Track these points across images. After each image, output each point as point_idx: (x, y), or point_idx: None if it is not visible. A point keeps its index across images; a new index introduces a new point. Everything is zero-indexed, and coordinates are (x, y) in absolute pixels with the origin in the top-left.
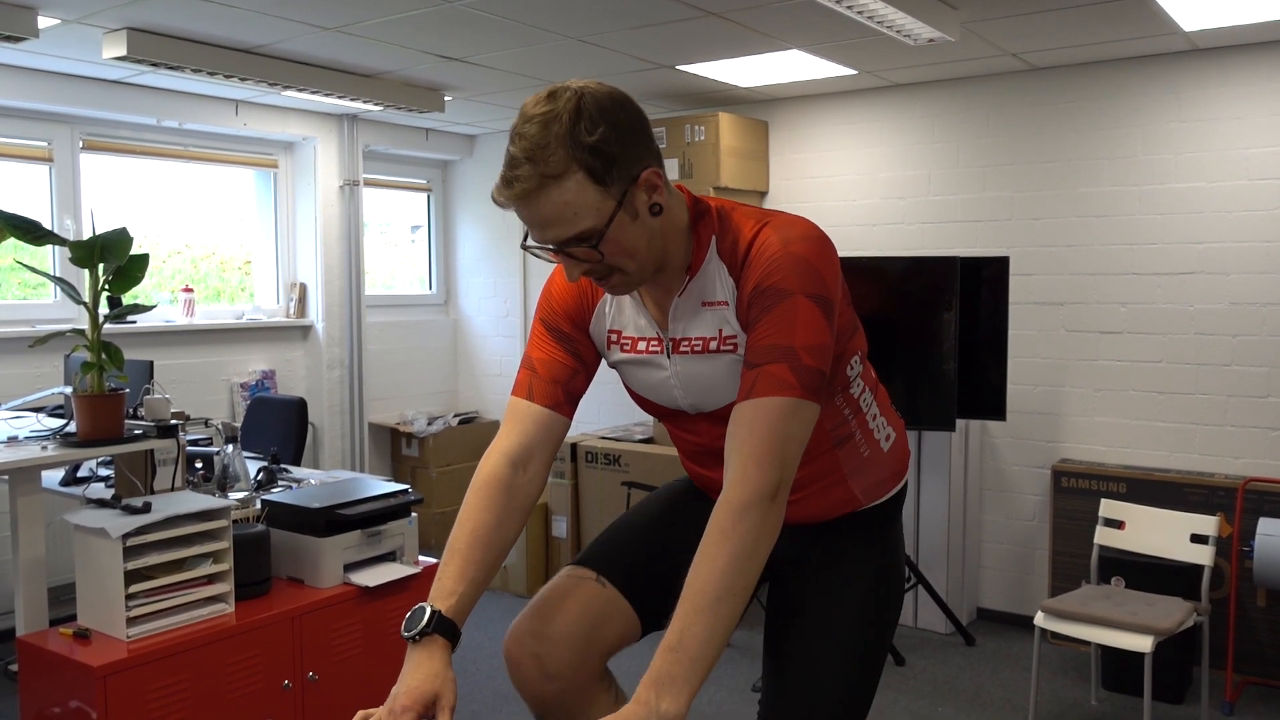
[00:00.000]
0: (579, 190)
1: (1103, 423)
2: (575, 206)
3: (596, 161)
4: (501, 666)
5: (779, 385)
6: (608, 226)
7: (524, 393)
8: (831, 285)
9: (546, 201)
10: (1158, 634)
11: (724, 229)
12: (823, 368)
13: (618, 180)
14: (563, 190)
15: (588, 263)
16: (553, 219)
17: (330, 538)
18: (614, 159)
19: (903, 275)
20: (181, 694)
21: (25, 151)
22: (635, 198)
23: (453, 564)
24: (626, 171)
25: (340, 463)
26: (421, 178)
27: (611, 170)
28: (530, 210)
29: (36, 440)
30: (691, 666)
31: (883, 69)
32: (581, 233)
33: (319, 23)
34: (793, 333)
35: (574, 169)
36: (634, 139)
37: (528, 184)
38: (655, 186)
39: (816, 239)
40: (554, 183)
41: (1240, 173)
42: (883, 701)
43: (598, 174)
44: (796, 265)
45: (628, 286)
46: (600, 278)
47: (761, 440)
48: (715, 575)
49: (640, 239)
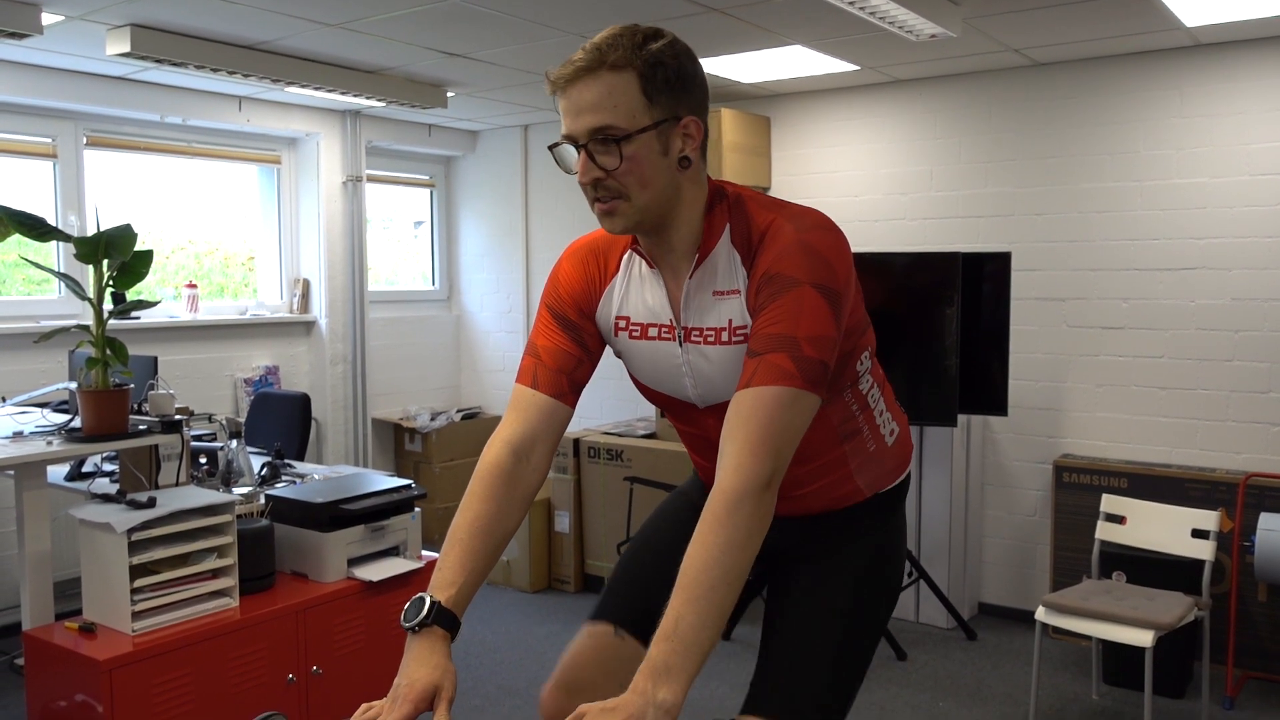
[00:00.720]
0: (626, 88)
1: (1104, 418)
2: (616, 99)
3: (652, 74)
4: (505, 661)
5: (779, 375)
6: (636, 134)
7: (528, 380)
8: (841, 278)
9: (594, 84)
10: (1159, 629)
11: (738, 217)
12: (825, 359)
13: (663, 104)
14: (612, 79)
15: (602, 170)
16: (591, 105)
17: (334, 533)
18: (668, 83)
19: (905, 271)
20: (186, 687)
21: (29, 148)
22: (671, 134)
23: (453, 554)
24: (673, 103)
25: (343, 458)
26: (424, 173)
27: (662, 92)
28: (575, 92)
29: (42, 435)
30: (687, 655)
31: (885, 64)
32: (610, 126)
33: (322, 19)
34: (797, 322)
35: (630, 70)
36: (691, 85)
37: (583, 63)
38: (691, 137)
39: (829, 230)
40: (607, 71)
41: (1242, 168)
42: (884, 696)
43: (648, 86)
44: (806, 254)
45: (623, 220)
46: (605, 198)
47: (757, 429)
48: (709, 563)
49: (659, 176)
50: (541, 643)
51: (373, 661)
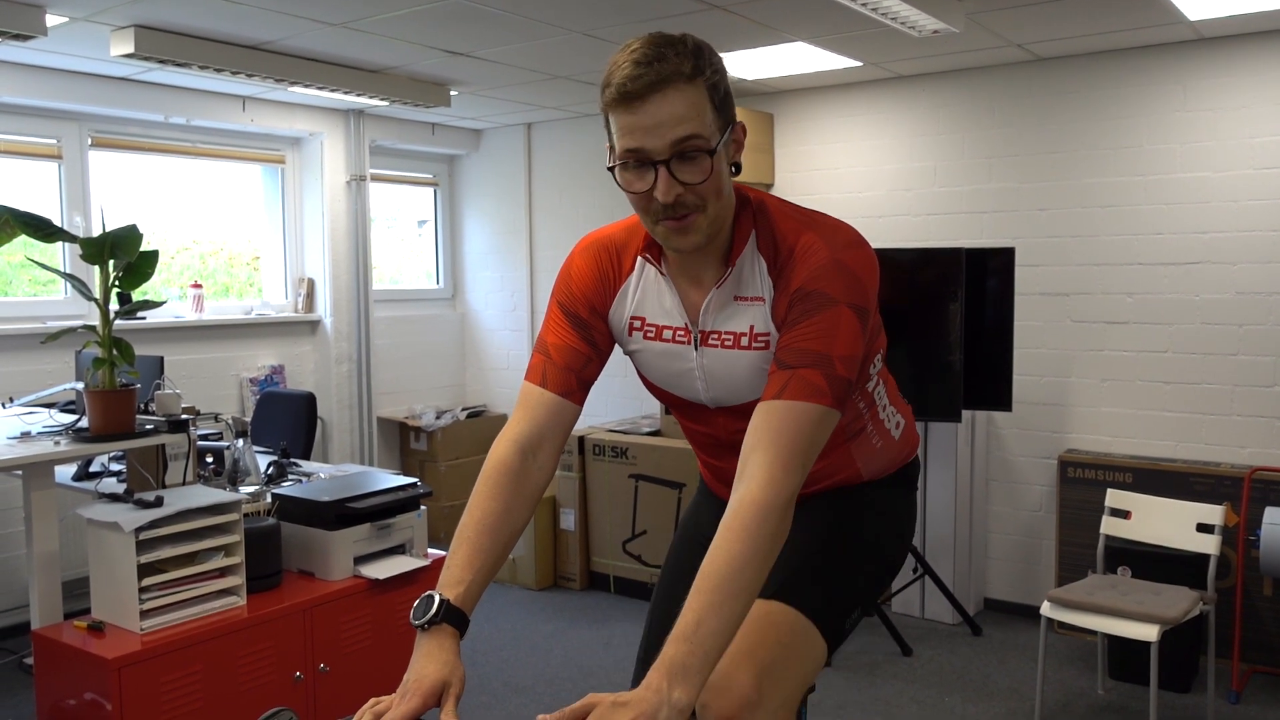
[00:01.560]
0: (702, 99)
1: (1109, 413)
2: (699, 110)
3: (716, 83)
4: (511, 658)
5: (812, 391)
6: (719, 145)
7: (537, 378)
8: (871, 296)
9: (675, 97)
10: (1164, 623)
11: (763, 224)
12: (852, 378)
13: (724, 113)
14: (691, 91)
15: (691, 183)
16: (675, 118)
17: (340, 531)
18: (727, 93)
19: (909, 267)
20: (194, 685)
21: (35, 149)
22: (729, 142)
23: (461, 552)
24: (730, 113)
25: (349, 457)
26: (428, 172)
27: (724, 100)
28: (652, 106)
29: (49, 436)
30: (704, 658)
31: (887, 60)
32: (699, 136)
33: (325, 18)
34: (832, 341)
35: (701, 80)
36: (731, 91)
37: (660, 74)
38: (740, 143)
39: (861, 247)
40: (684, 81)
41: (1246, 162)
42: (889, 691)
43: (714, 94)
44: (843, 274)
45: (698, 235)
46: (680, 215)
47: (789, 444)
48: (733, 572)
49: (727, 185)
50: (547, 640)
51: (379, 659)
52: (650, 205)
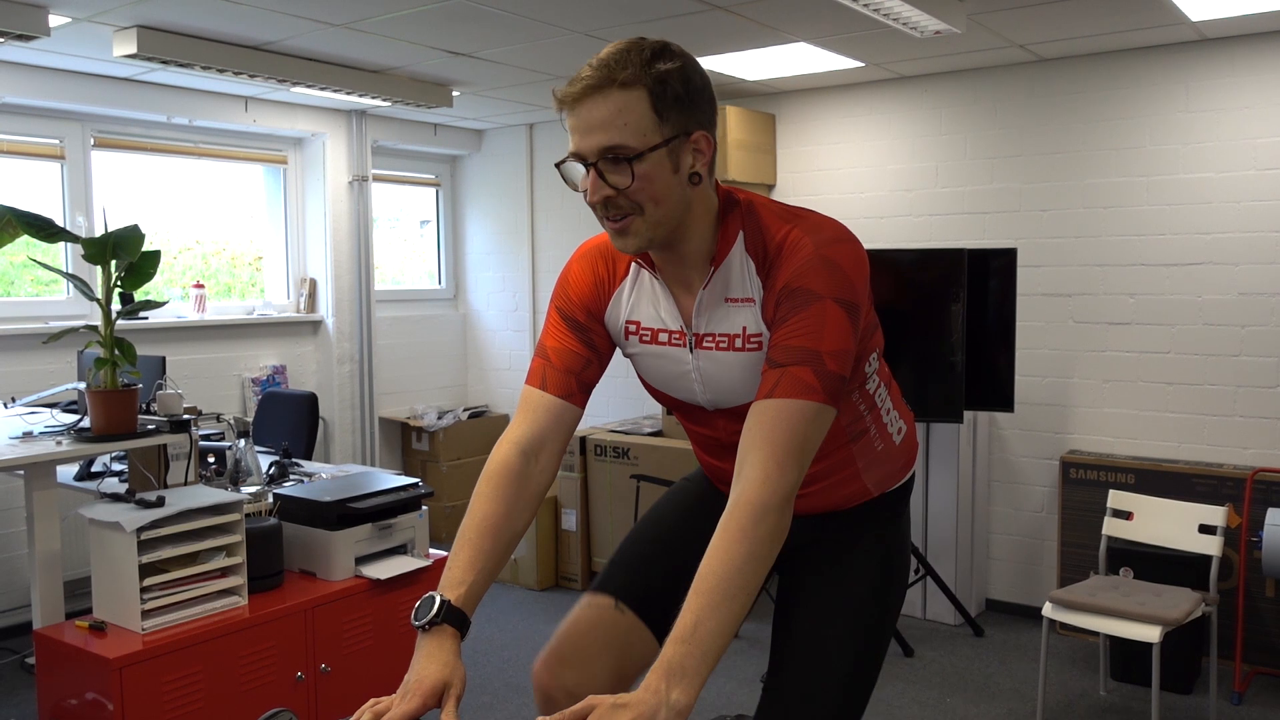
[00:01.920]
0: (637, 106)
1: (1111, 414)
2: (627, 118)
3: (662, 91)
4: (513, 659)
5: (803, 388)
6: (648, 152)
7: (538, 382)
8: (860, 291)
9: (603, 103)
10: (1166, 624)
11: (752, 225)
12: (845, 373)
13: (673, 121)
14: (622, 98)
15: (614, 189)
16: (601, 123)
17: (342, 531)
18: (679, 99)
19: (911, 267)
20: (196, 685)
21: (37, 149)
22: (682, 150)
23: (463, 553)
24: (683, 120)
25: (351, 457)
26: (430, 173)
27: (672, 108)
28: (584, 110)
29: (51, 436)
30: (702, 659)
31: (889, 61)
32: (623, 145)
33: (327, 19)
34: (821, 337)
35: (639, 87)
36: (700, 100)
37: (591, 81)
38: (702, 153)
39: (848, 241)
40: (616, 89)
41: (1249, 163)
42: (891, 693)
43: (658, 103)
44: (828, 269)
45: (638, 239)
46: (618, 216)
47: (783, 442)
48: (731, 572)
49: (671, 192)
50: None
51: (381, 659)
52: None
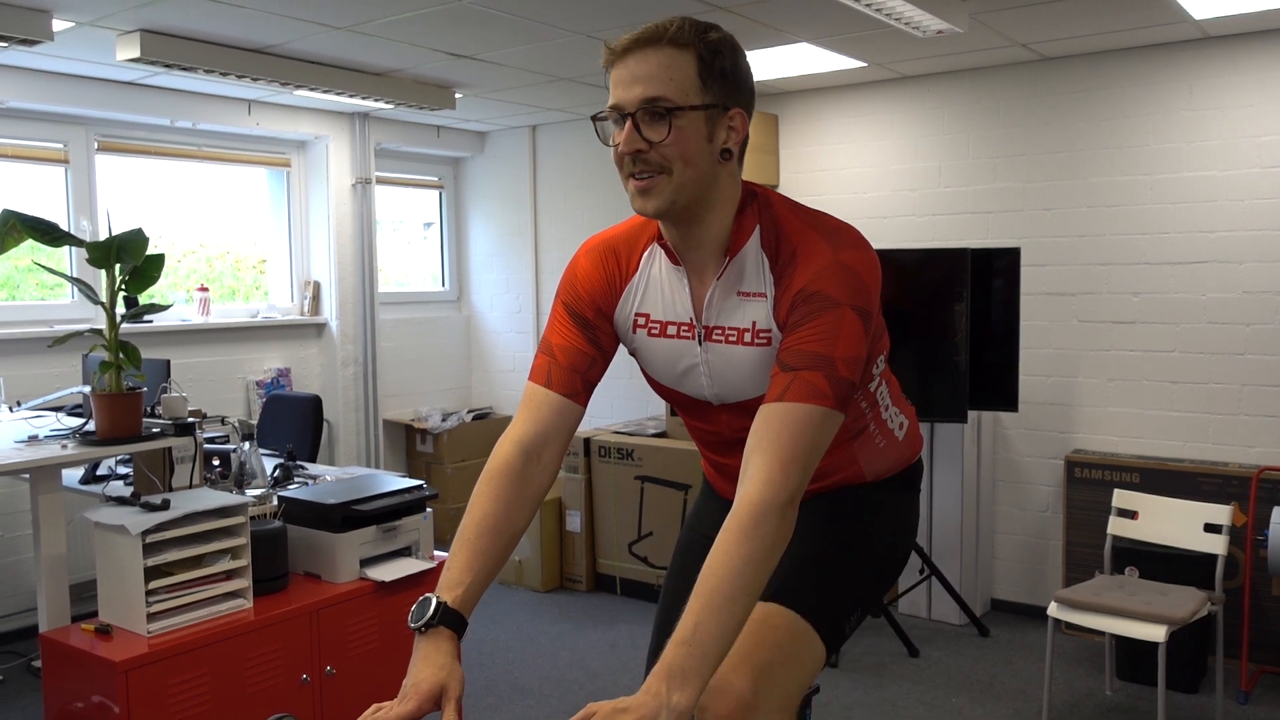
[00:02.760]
0: (684, 66)
1: (1116, 413)
2: (673, 73)
3: (711, 58)
4: (517, 660)
5: (814, 394)
6: (687, 109)
7: (542, 379)
8: (874, 298)
9: (653, 56)
10: (1172, 624)
11: (768, 220)
12: (855, 380)
13: (715, 90)
14: (673, 56)
15: (648, 142)
16: (647, 75)
17: (346, 533)
18: (723, 73)
19: (914, 267)
20: (201, 688)
21: (41, 153)
22: (719, 122)
23: (461, 554)
24: (725, 93)
25: (355, 459)
26: (433, 175)
27: (716, 79)
28: (632, 61)
29: (56, 439)
30: (703, 661)
31: (892, 61)
32: (665, 96)
33: (330, 22)
34: (835, 343)
35: (690, 50)
36: (743, 82)
37: (645, 34)
38: (736, 130)
39: (864, 248)
40: (670, 45)
41: (1252, 160)
42: (897, 693)
43: (705, 68)
44: (846, 276)
45: (660, 200)
46: (644, 173)
47: (789, 445)
48: (732, 574)
49: (702, 157)
50: (554, 642)
51: (386, 661)
52: (622, 160)
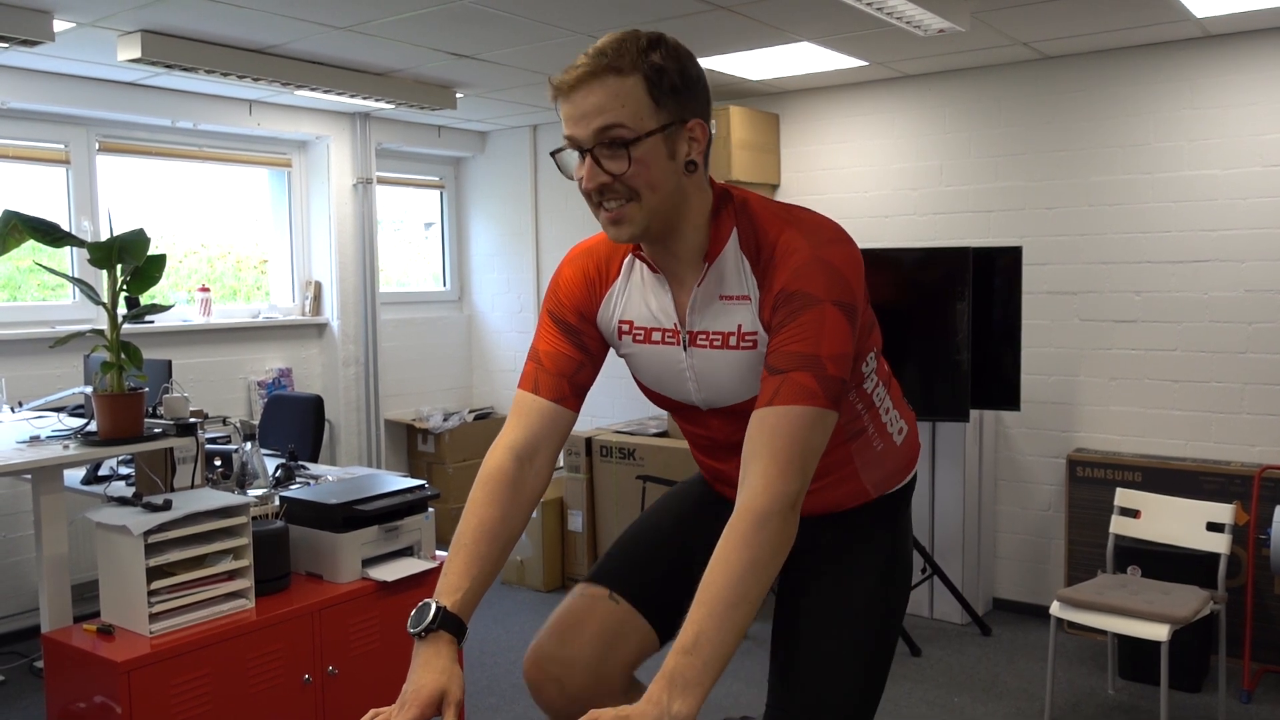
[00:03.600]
0: (633, 92)
1: (1118, 412)
2: (623, 100)
3: (658, 78)
4: (519, 660)
5: (804, 394)
6: (644, 137)
7: (530, 386)
8: (857, 292)
9: (599, 89)
10: (1174, 623)
11: (745, 222)
12: (845, 376)
13: (669, 108)
14: (618, 84)
15: (610, 175)
16: (597, 108)
17: (348, 533)
18: (675, 88)
19: (916, 266)
20: (204, 689)
21: (43, 154)
22: (678, 138)
23: (458, 559)
24: (679, 108)
25: (357, 459)
26: (434, 175)
27: (668, 96)
28: (580, 96)
29: (58, 440)
30: (704, 669)
31: (893, 60)
32: (617, 125)
33: (331, 22)
34: (820, 341)
35: (635, 74)
36: (695, 88)
37: (588, 68)
38: (697, 140)
39: (843, 242)
40: (613, 75)
41: (1254, 159)
42: (899, 692)
43: (654, 90)
44: (826, 272)
45: (633, 227)
46: (613, 205)
47: (785, 449)
48: (733, 581)
49: (667, 179)
50: None
51: (388, 661)
52: (588, 194)
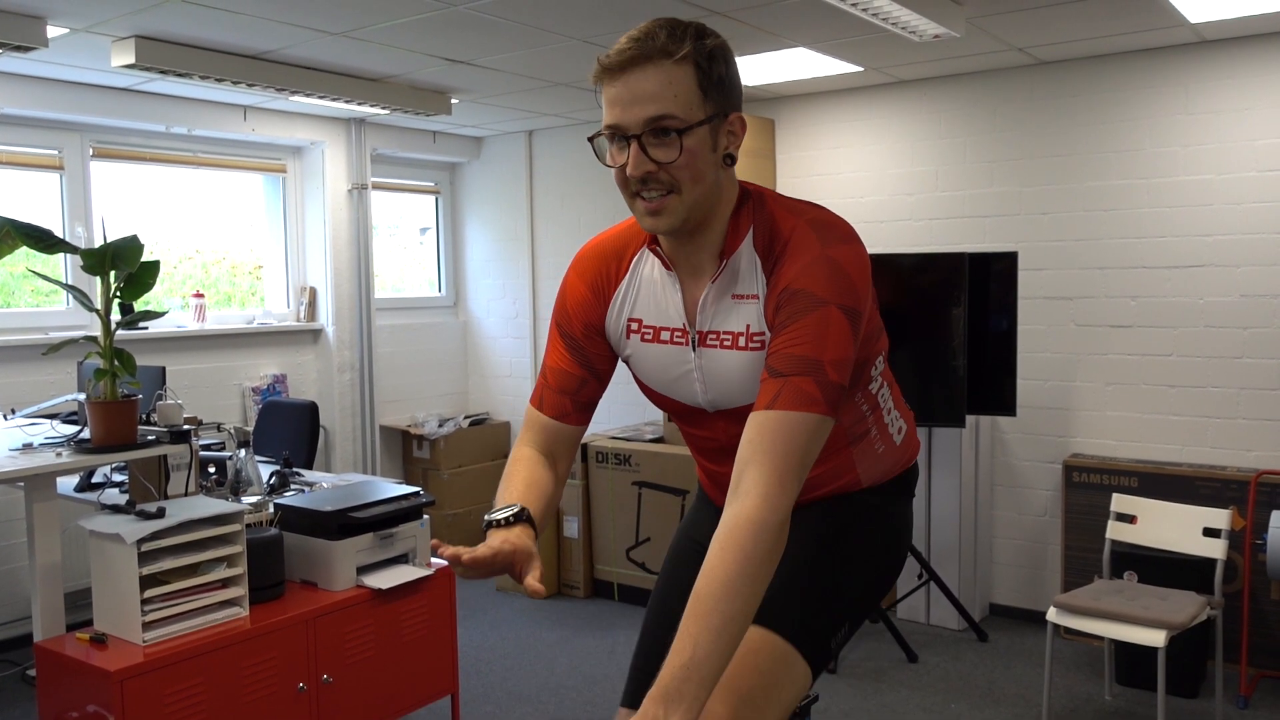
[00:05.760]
0: (685, 79)
1: (1114, 417)
2: (676, 89)
3: (709, 67)
4: (515, 667)
5: (805, 400)
6: (695, 126)
7: (536, 402)
8: (863, 295)
9: (653, 73)
10: (1171, 628)
11: (761, 219)
12: (845, 382)
13: (716, 100)
14: (672, 70)
15: (658, 163)
16: (649, 94)
17: (343, 541)
18: (721, 79)
19: (912, 271)
20: (197, 697)
21: (36, 160)
22: (720, 130)
23: (518, 486)
24: (723, 99)
25: (352, 466)
26: (429, 180)
27: (716, 87)
28: (631, 80)
29: (51, 447)
30: (700, 684)
31: (889, 65)
32: (670, 116)
33: (325, 28)
34: (822, 345)
35: (688, 60)
36: (737, 83)
37: (639, 50)
38: (735, 134)
39: (853, 242)
40: (668, 60)
41: (1249, 164)
42: (895, 699)
43: (704, 79)
44: (832, 273)
45: (670, 218)
46: (654, 194)
47: (784, 457)
48: (727, 593)
49: (709, 171)
50: (551, 649)
51: (383, 669)
52: (627, 181)
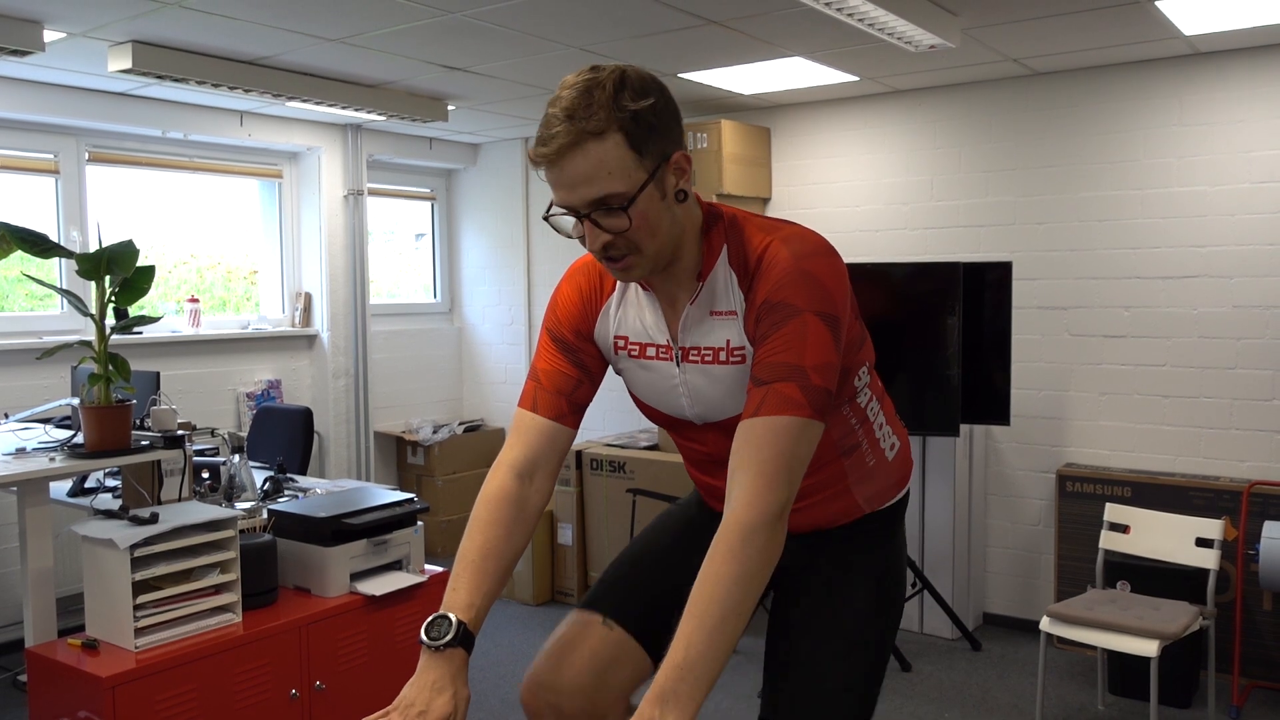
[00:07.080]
0: (616, 151)
1: (1107, 427)
2: (610, 167)
3: (636, 127)
4: (508, 674)
5: (789, 405)
6: (639, 193)
7: (529, 404)
8: (840, 303)
9: (582, 158)
10: (1164, 638)
11: (735, 238)
12: (830, 387)
13: (652, 152)
14: (600, 149)
15: (611, 233)
16: (585, 177)
17: (337, 547)
18: (652, 129)
19: (906, 281)
20: (189, 704)
21: (32, 164)
22: (665, 176)
23: (466, 575)
24: (661, 146)
25: (346, 472)
26: (425, 186)
27: (648, 140)
28: (564, 168)
29: (44, 452)
30: (696, 684)
31: (884, 75)
32: (612, 194)
33: (322, 34)
34: (803, 351)
35: (613, 130)
36: (670, 119)
37: (565, 139)
38: (683, 171)
39: (826, 254)
40: (592, 140)
41: (1242, 176)
42: (888, 707)
43: (635, 140)
44: (807, 282)
45: (640, 271)
46: (616, 257)
47: (770, 460)
48: (721, 594)
49: (663, 220)
50: None
51: (376, 676)
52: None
